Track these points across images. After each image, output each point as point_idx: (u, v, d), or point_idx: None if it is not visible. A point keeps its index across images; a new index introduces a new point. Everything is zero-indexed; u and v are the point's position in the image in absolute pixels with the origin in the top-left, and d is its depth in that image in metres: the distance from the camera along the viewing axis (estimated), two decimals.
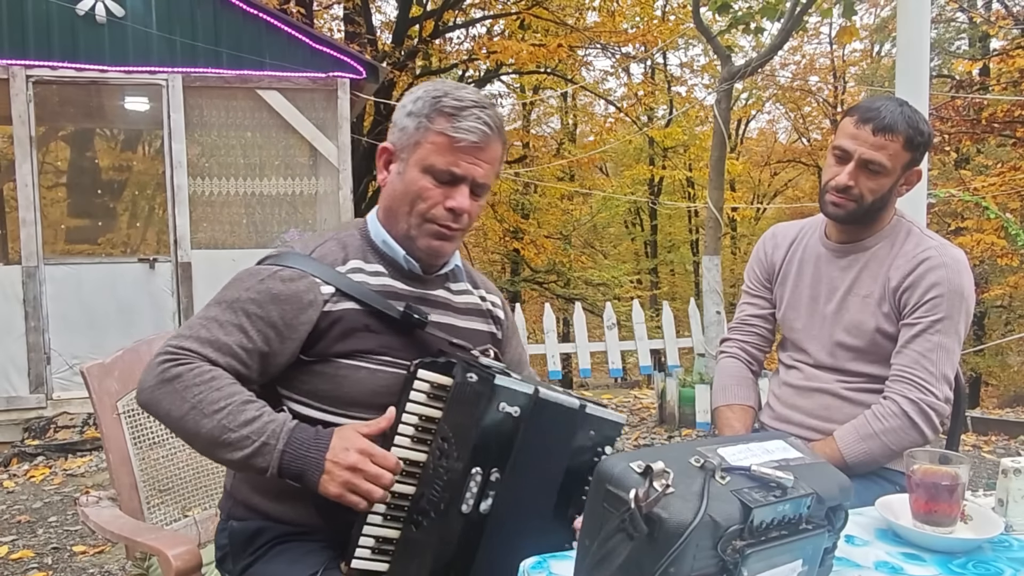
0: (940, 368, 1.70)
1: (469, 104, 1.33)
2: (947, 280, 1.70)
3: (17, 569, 3.26)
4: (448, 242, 1.39)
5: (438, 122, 1.32)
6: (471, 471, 1.20)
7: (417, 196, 1.35)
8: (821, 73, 17.71)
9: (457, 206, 1.35)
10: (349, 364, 1.31)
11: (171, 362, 1.25)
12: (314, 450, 1.20)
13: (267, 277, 1.32)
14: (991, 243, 9.39)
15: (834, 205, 1.76)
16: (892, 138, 1.68)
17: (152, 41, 5.90)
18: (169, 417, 1.24)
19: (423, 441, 1.24)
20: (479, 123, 1.32)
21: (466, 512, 1.20)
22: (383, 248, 1.42)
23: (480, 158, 1.34)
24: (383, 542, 1.23)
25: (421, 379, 1.24)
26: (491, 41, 12.31)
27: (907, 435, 1.68)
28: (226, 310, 1.30)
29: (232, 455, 1.21)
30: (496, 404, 1.19)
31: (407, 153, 1.36)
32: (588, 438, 1.33)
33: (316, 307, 1.31)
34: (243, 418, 1.21)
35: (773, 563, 0.94)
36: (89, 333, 5.66)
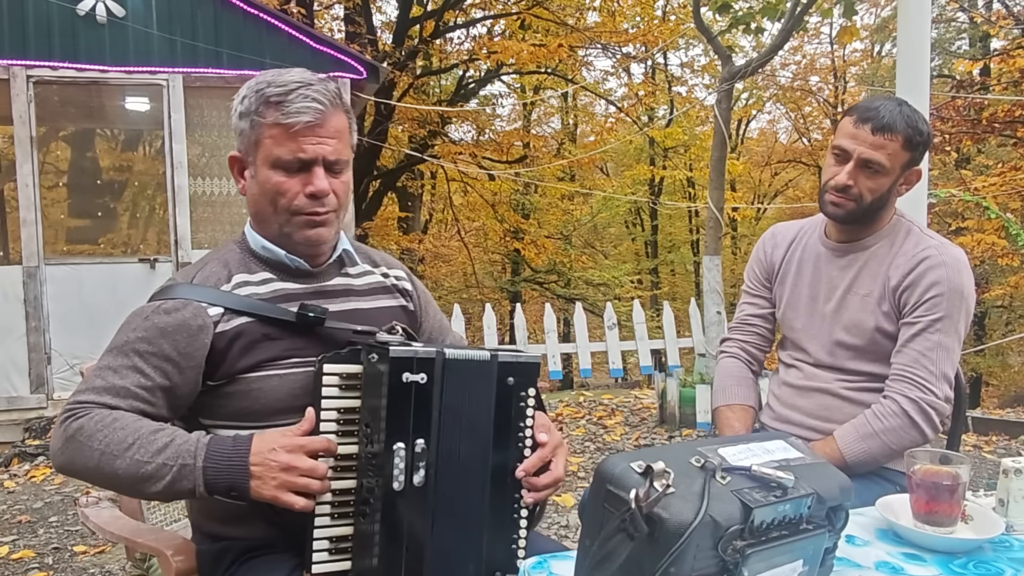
0: (940, 367, 1.70)
1: (294, 86, 1.30)
2: (947, 279, 1.70)
3: (18, 569, 3.26)
4: (324, 227, 1.36)
5: (268, 114, 1.30)
6: (393, 447, 1.20)
7: (275, 193, 1.33)
8: (822, 73, 17.72)
9: (316, 190, 1.32)
10: (258, 376, 1.30)
11: (70, 418, 1.22)
12: (236, 458, 1.18)
13: (151, 313, 1.29)
14: (992, 243, 9.39)
15: (834, 205, 1.76)
16: (891, 138, 1.68)
17: (153, 41, 5.90)
18: (85, 470, 1.21)
19: (350, 433, 1.23)
20: (308, 102, 1.29)
21: (399, 489, 1.20)
22: (265, 254, 1.39)
23: (322, 135, 1.31)
24: (338, 541, 1.23)
25: (328, 373, 1.23)
26: (491, 41, 12.32)
27: (907, 434, 1.68)
28: (117, 355, 1.27)
29: (155, 487, 1.18)
30: (399, 376, 1.19)
31: (252, 155, 1.35)
32: (508, 385, 1.31)
33: (207, 331, 1.28)
34: (155, 447, 1.19)
35: (774, 563, 0.94)
36: (90, 333, 5.66)
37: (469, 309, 13.89)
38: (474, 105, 15.49)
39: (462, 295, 17.35)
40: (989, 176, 9.91)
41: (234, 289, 1.34)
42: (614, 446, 5.19)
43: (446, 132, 14.28)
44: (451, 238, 17.91)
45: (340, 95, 1.36)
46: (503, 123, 17.78)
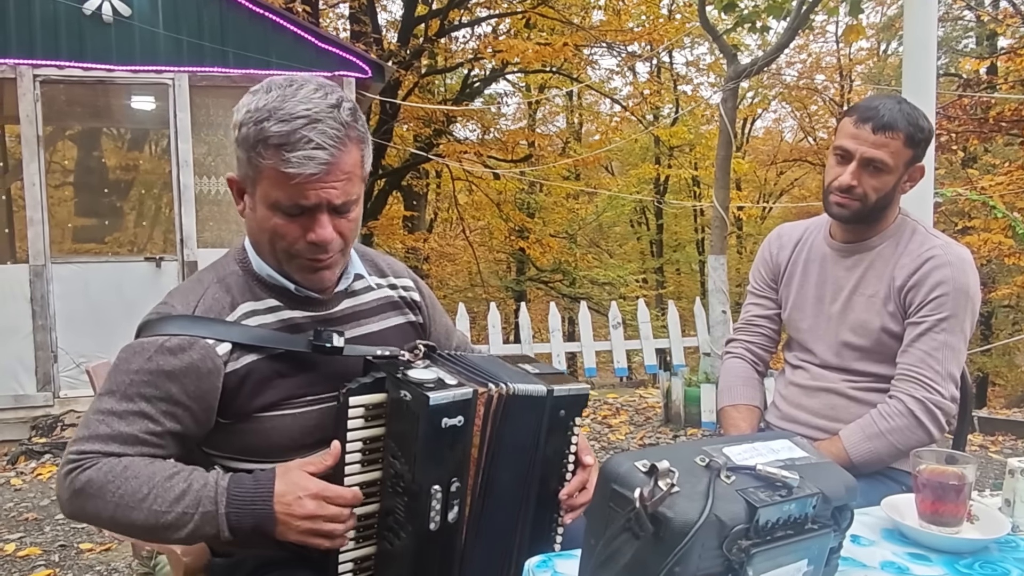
0: (946, 367, 1.69)
1: (298, 125, 1.14)
2: (952, 279, 1.69)
3: (24, 566, 3.28)
4: (327, 270, 1.28)
5: (268, 155, 1.16)
6: (430, 491, 1.17)
7: (273, 234, 1.23)
8: (827, 72, 17.67)
9: (319, 239, 1.21)
10: (272, 416, 1.24)
11: (76, 470, 1.16)
12: (259, 502, 1.14)
13: (154, 353, 1.19)
14: (998, 242, 9.35)
15: (839, 206, 1.76)
16: (893, 136, 1.68)
17: (158, 40, 5.92)
18: (99, 521, 1.17)
19: (374, 461, 1.21)
20: (312, 149, 1.15)
21: (434, 529, 1.19)
22: (270, 280, 1.30)
23: (329, 181, 1.17)
24: (361, 561, 1.23)
25: (354, 406, 1.18)
26: (496, 40, 12.33)
27: (913, 434, 1.68)
28: (120, 400, 1.18)
29: (178, 535, 1.14)
30: (437, 421, 1.15)
31: (250, 187, 1.23)
32: (559, 417, 1.30)
33: (218, 374, 1.20)
34: (172, 496, 1.13)
35: (779, 563, 0.94)
36: (96, 332, 5.68)
37: (474, 308, 13.89)
38: (479, 104, 15.49)
39: (467, 294, 17.35)
40: (996, 175, 9.87)
41: (241, 320, 1.26)
42: (619, 445, 5.18)
43: (451, 131, 14.28)
44: (456, 237, 17.92)
45: (353, 122, 1.21)
46: (508, 122, 17.81)
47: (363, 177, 1.27)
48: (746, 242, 19.40)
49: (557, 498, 1.34)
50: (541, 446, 1.30)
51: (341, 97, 1.22)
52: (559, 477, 1.34)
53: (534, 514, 1.33)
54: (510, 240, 16.20)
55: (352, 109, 1.22)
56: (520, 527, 1.32)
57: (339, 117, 1.18)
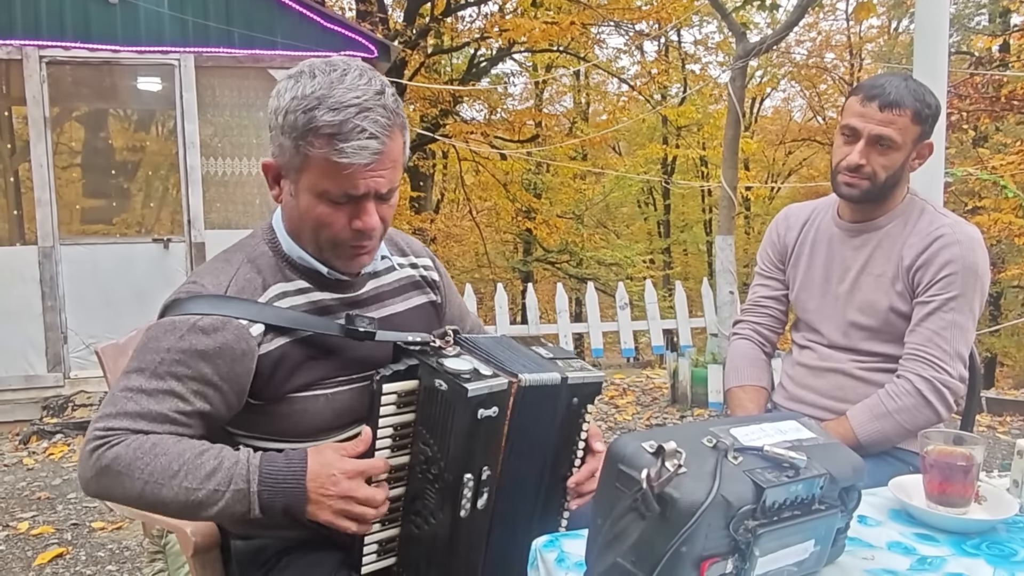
0: (954, 346, 1.69)
1: (350, 114, 1.14)
2: (961, 257, 1.68)
3: (37, 544, 3.32)
4: (367, 256, 1.29)
5: (318, 144, 1.15)
6: (463, 479, 1.18)
7: (318, 223, 1.22)
8: (837, 50, 17.48)
9: (365, 227, 1.21)
10: (305, 396, 1.24)
11: (102, 447, 1.14)
12: (292, 480, 1.13)
13: (186, 332, 1.17)
14: (1009, 222, 9.29)
15: (847, 185, 1.75)
16: (900, 113, 1.67)
17: (164, 21, 5.90)
18: (127, 499, 1.16)
19: (403, 446, 1.22)
20: (365, 139, 1.14)
21: (464, 516, 1.21)
22: (300, 263, 1.29)
23: (378, 170, 1.18)
24: (387, 543, 1.25)
25: (387, 393, 1.19)
26: (503, 19, 12.23)
27: (921, 414, 1.68)
28: (151, 377, 1.17)
29: (208, 512, 1.14)
30: (473, 413, 1.15)
31: (293, 175, 1.21)
32: (572, 405, 1.32)
33: (251, 355, 1.19)
34: (203, 473, 1.13)
35: (785, 543, 0.94)
36: (105, 313, 5.71)
37: (481, 289, 13.91)
38: (486, 84, 15.41)
39: (474, 275, 17.35)
40: (1007, 155, 9.78)
41: (272, 301, 1.25)
42: (626, 426, 5.20)
43: (458, 111, 14.23)
44: (463, 218, 17.90)
45: (396, 108, 1.20)
46: (515, 102, 17.71)
47: (404, 164, 1.27)
48: (754, 222, 19.32)
49: (564, 484, 1.36)
50: (555, 433, 1.31)
51: (383, 82, 1.21)
52: (568, 463, 1.36)
53: (545, 499, 1.35)
54: (517, 221, 16.17)
55: (394, 95, 1.22)
56: (536, 512, 1.34)
57: (386, 104, 1.18)
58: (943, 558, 1.09)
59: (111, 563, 3.12)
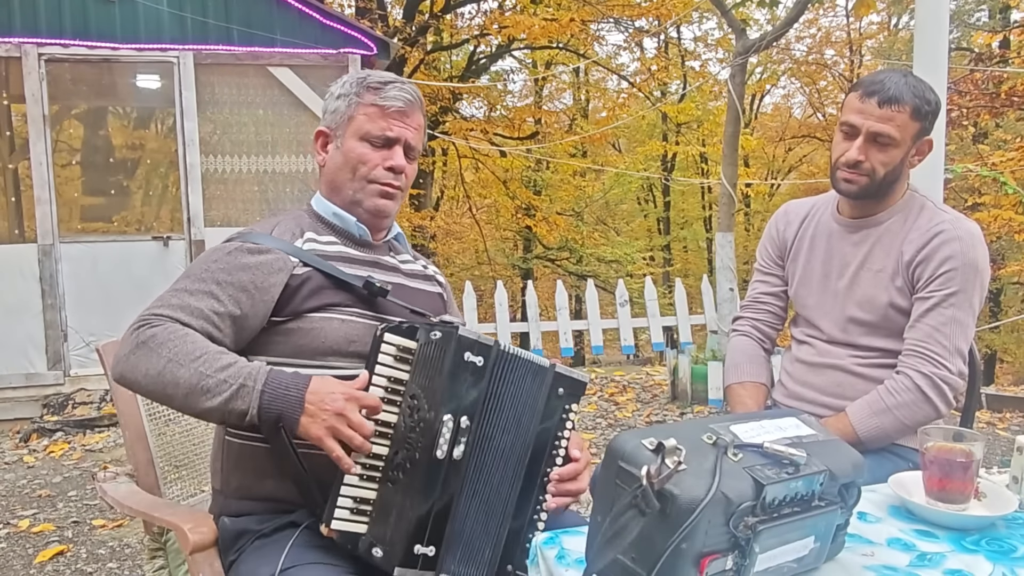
0: (954, 342, 1.68)
1: (391, 79, 1.51)
2: (961, 253, 1.68)
3: (38, 542, 3.32)
4: (391, 200, 1.53)
5: (367, 96, 1.49)
6: (443, 417, 1.25)
7: (358, 162, 1.49)
8: (837, 46, 17.46)
9: (395, 164, 1.49)
10: (323, 316, 1.38)
11: (144, 327, 1.29)
12: (294, 389, 1.23)
13: (234, 250, 1.39)
14: (1008, 219, 9.28)
15: (847, 181, 1.75)
16: (899, 109, 1.67)
17: (163, 18, 5.89)
18: (147, 376, 1.26)
19: (393, 403, 1.27)
20: (403, 92, 1.50)
21: (440, 457, 1.26)
22: (333, 220, 1.54)
23: (407, 123, 1.51)
24: (360, 502, 1.25)
25: (388, 342, 1.27)
26: (503, 16, 12.20)
27: (920, 410, 1.68)
28: (195, 280, 1.36)
29: (211, 401, 1.23)
30: (461, 353, 1.27)
31: (342, 129, 1.51)
32: (557, 395, 1.41)
33: (285, 271, 1.39)
34: (219, 364, 1.25)
35: (785, 539, 0.95)
36: (105, 310, 5.71)
37: (481, 286, 13.91)
38: (485, 81, 15.39)
39: (474, 272, 17.35)
40: (1007, 151, 9.76)
41: (305, 243, 1.46)
42: (626, 423, 5.20)
43: (457, 108, 14.21)
44: (463, 215, 17.89)
45: (422, 98, 1.55)
46: (515, 99, 17.69)
47: (424, 147, 1.58)
48: (754, 219, 19.31)
49: (542, 479, 1.40)
50: (536, 417, 1.39)
51: None
52: (549, 458, 1.42)
53: (521, 488, 1.39)
54: (517, 218, 16.16)
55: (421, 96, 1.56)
56: (508, 497, 1.38)
57: (417, 90, 1.54)
58: (943, 554, 1.10)
59: (112, 560, 3.12)
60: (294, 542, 1.31)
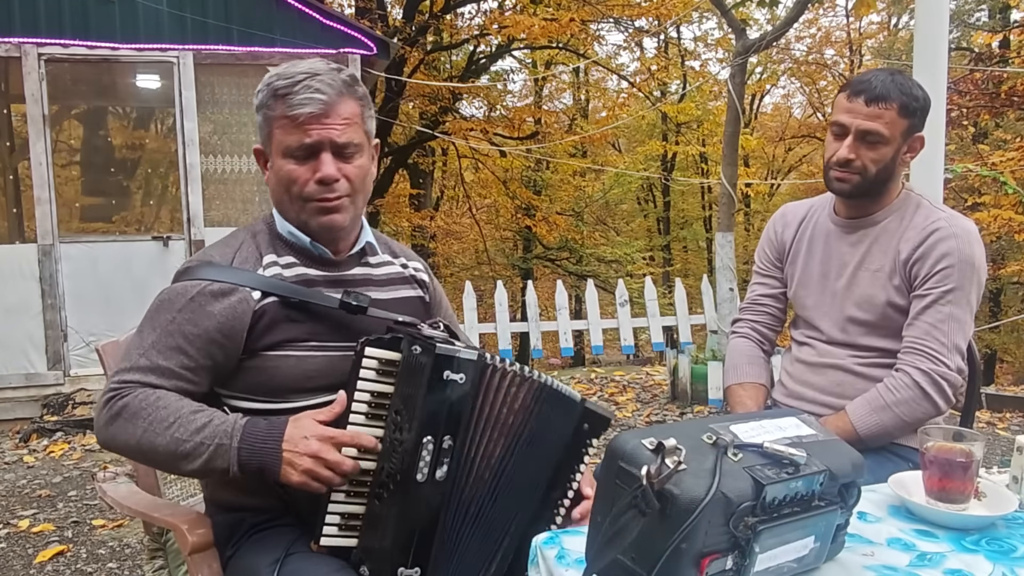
0: (952, 339, 1.69)
1: (300, 78, 1.32)
2: (957, 250, 1.69)
3: (38, 542, 3.32)
4: (338, 213, 1.38)
5: (276, 107, 1.34)
6: (423, 440, 1.23)
7: (288, 181, 1.36)
8: (837, 46, 17.47)
9: (323, 175, 1.34)
10: (276, 355, 1.32)
11: (116, 397, 1.27)
12: (270, 441, 1.22)
13: (197, 294, 1.31)
14: (1008, 219, 9.27)
15: (839, 180, 1.76)
16: (886, 106, 1.68)
17: (163, 18, 5.88)
18: (128, 447, 1.27)
19: (378, 417, 1.25)
20: (310, 93, 1.32)
21: (421, 480, 1.23)
22: (291, 239, 1.42)
23: (328, 122, 1.33)
24: (349, 518, 1.25)
25: (368, 356, 1.24)
26: (502, 16, 12.19)
27: (919, 407, 1.68)
28: (162, 335, 1.30)
29: (192, 464, 1.24)
30: (440, 373, 1.23)
31: (269, 146, 1.39)
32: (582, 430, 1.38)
33: (248, 312, 1.32)
34: (194, 427, 1.24)
35: (785, 539, 0.95)
36: (105, 311, 5.71)
37: (481, 286, 13.90)
38: (485, 81, 15.39)
39: (474, 272, 17.35)
40: (1007, 151, 9.75)
41: (265, 269, 1.38)
42: (626, 423, 5.20)
43: (457, 108, 14.20)
44: (463, 215, 17.89)
45: (352, 83, 1.38)
46: (514, 99, 17.69)
47: (367, 131, 1.40)
48: (754, 219, 19.31)
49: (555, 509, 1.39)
50: (559, 450, 1.36)
51: (343, 68, 1.39)
52: (563, 488, 1.40)
53: (534, 504, 1.36)
54: (517, 218, 16.16)
55: (353, 77, 1.39)
56: (518, 511, 1.34)
57: (338, 76, 1.36)
58: (943, 554, 1.10)
59: (112, 560, 3.12)
60: (292, 534, 1.32)
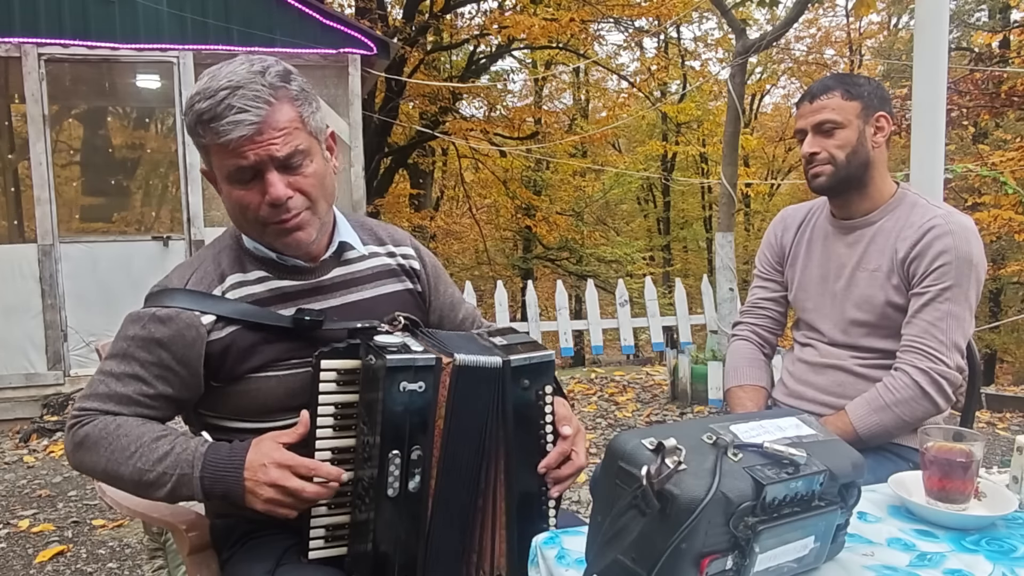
0: (950, 336, 1.68)
1: (221, 97, 1.20)
2: (954, 247, 1.68)
3: (38, 542, 3.32)
4: (300, 231, 1.29)
5: (206, 135, 1.23)
6: (389, 455, 1.17)
7: (240, 207, 1.27)
8: (837, 46, 17.46)
9: (273, 197, 1.24)
10: (259, 377, 1.29)
11: (76, 425, 1.27)
12: (231, 469, 1.20)
13: (147, 321, 1.28)
14: (1008, 219, 9.26)
15: (814, 176, 1.82)
16: (827, 96, 1.77)
17: (163, 18, 5.89)
18: (95, 473, 1.28)
19: (347, 427, 1.22)
20: (235, 115, 1.19)
21: (393, 496, 1.19)
22: (257, 253, 1.35)
23: (261, 140, 1.21)
24: (334, 529, 1.24)
25: (325, 369, 1.21)
26: (502, 16, 12.19)
27: (919, 406, 1.67)
28: (119, 362, 1.29)
29: (158, 493, 1.23)
30: (396, 385, 1.16)
31: (212, 170, 1.31)
32: (524, 388, 1.28)
33: (201, 342, 1.27)
34: (155, 456, 1.22)
35: (785, 539, 0.94)
36: (105, 310, 5.71)
37: (481, 286, 13.91)
38: (485, 81, 15.39)
39: (474, 272, 17.35)
40: (1007, 151, 9.75)
41: (228, 291, 1.31)
42: (626, 423, 5.20)
43: (457, 108, 14.20)
44: (463, 215, 17.89)
45: (281, 82, 1.24)
46: (514, 99, 17.69)
47: (311, 130, 1.28)
48: (754, 219, 19.32)
49: (540, 474, 1.33)
50: (503, 419, 1.28)
51: (269, 64, 1.26)
52: (538, 450, 1.32)
53: (518, 493, 1.30)
54: (517, 218, 16.17)
55: (282, 73, 1.26)
56: (491, 506, 1.30)
57: (263, 81, 1.23)
58: (943, 554, 1.09)
59: (112, 560, 3.12)
60: (286, 541, 1.31)
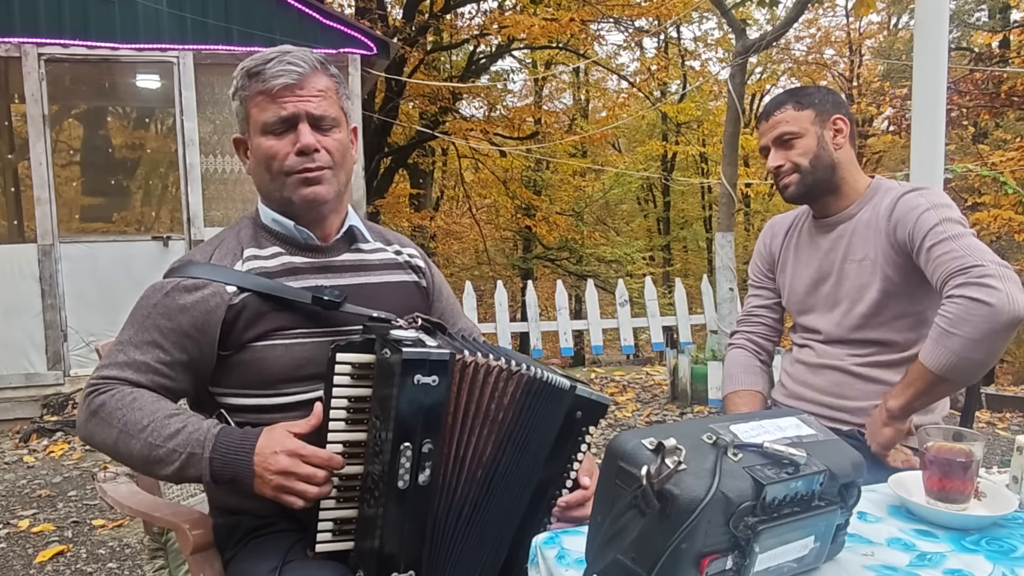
0: (970, 251, 1.59)
1: (272, 56, 1.35)
2: (925, 199, 1.71)
3: (38, 542, 3.32)
4: (320, 185, 1.37)
5: (251, 86, 1.36)
6: (400, 447, 1.18)
7: (268, 158, 1.36)
8: (837, 46, 17.46)
9: (303, 145, 1.34)
10: (264, 345, 1.32)
11: (94, 393, 1.28)
12: (241, 453, 1.21)
13: (171, 290, 1.32)
14: (1008, 219, 9.26)
15: (784, 187, 1.88)
16: (780, 111, 1.85)
17: (163, 18, 5.89)
18: (104, 445, 1.27)
19: (359, 421, 1.23)
20: (284, 66, 1.34)
21: (403, 488, 1.19)
22: (275, 227, 1.42)
23: (302, 94, 1.35)
24: (342, 523, 1.24)
25: (341, 362, 1.21)
26: (502, 16, 12.19)
27: (978, 315, 1.51)
28: (138, 330, 1.32)
29: (165, 470, 1.23)
30: (411, 377, 1.17)
31: (247, 130, 1.40)
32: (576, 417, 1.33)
33: (222, 307, 1.31)
34: (167, 432, 1.23)
35: (785, 539, 0.94)
36: (105, 310, 5.71)
37: (481, 286, 13.90)
38: (485, 81, 15.39)
39: (474, 272, 17.35)
40: (1007, 151, 9.75)
41: (244, 263, 1.37)
42: (626, 423, 5.20)
43: (457, 108, 14.20)
44: (463, 215, 17.88)
45: (324, 61, 1.40)
46: (514, 99, 17.68)
47: (343, 108, 1.42)
48: (754, 219, 19.31)
49: (549, 501, 1.36)
50: (550, 440, 1.32)
51: (321, 55, 1.42)
52: (560, 481, 1.36)
53: (526, 508, 1.32)
54: (517, 218, 16.16)
55: (324, 58, 1.42)
56: (510, 516, 1.31)
57: (311, 54, 1.39)
58: (943, 554, 1.10)
59: (112, 560, 3.12)
60: (290, 540, 1.31)
